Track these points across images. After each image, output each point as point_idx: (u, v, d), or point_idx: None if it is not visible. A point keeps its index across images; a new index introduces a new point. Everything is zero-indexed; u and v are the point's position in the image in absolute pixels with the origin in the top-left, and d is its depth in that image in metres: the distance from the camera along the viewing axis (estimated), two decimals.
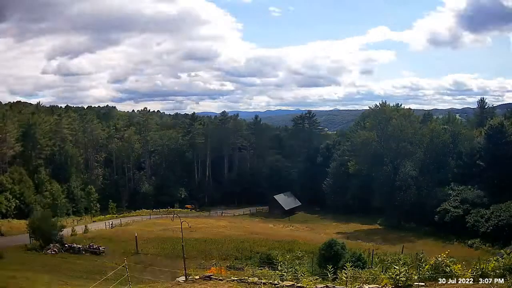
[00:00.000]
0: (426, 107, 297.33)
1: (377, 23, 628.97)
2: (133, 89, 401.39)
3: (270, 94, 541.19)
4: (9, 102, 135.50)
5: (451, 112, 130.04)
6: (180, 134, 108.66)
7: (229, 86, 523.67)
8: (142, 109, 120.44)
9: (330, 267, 12.93)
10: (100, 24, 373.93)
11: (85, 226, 48.93)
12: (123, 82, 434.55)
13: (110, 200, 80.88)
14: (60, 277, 21.17)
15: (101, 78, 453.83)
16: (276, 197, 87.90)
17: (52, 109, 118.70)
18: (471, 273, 9.84)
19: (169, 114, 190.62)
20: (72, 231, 42.56)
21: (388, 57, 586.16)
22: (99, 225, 54.62)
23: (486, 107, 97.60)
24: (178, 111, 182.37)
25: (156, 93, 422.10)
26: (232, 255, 34.84)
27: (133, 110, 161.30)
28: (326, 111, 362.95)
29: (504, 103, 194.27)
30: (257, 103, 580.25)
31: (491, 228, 53.93)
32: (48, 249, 29.63)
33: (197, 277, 14.40)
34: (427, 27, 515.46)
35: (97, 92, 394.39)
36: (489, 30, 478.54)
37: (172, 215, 61.78)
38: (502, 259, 9.98)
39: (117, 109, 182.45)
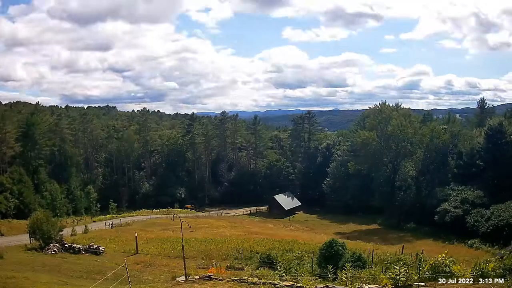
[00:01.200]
0: (426, 107, 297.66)
1: None
2: None
3: None
4: (9, 102, 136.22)
5: (451, 112, 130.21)
6: (180, 134, 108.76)
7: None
8: (142, 109, 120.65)
9: (330, 267, 12.94)
10: None
11: (85, 226, 48.81)
12: None
13: (111, 200, 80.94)
14: (60, 277, 21.13)
15: None
16: (276, 197, 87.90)
17: (52, 109, 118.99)
18: (471, 273, 9.84)
19: (169, 114, 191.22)
20: (72, 231, 42.44)
21: None
22: (99, 225, 54.54)
23: (486, 107, 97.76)
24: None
25: None
26: (232, 255, 34.73)
27: (133, 110, 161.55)
28: (326, 111, 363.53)
29: (504, 103, 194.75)
30: None
31: (491, 228, 53.88)
32: (48, 249, 29.54)
33: (197, 277, 14.41)
34: None
35: None
36: None
37: (172, 215, 61.84)
38: (502, 259, 9.99)
39: (117, 109, 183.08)
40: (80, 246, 31.18)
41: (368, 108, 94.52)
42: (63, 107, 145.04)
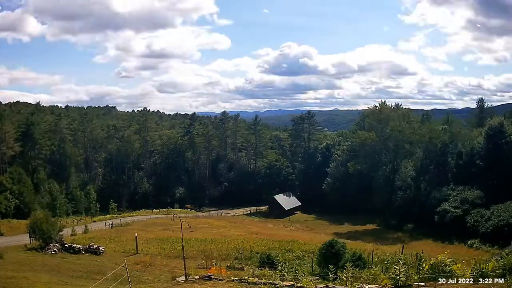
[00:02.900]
0: (426, 107, 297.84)
1: None
2: None
3: None
4: (8, 102, 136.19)
5: (450, 112, 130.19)
6: (179, 134, 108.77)
7: None
8: (142, 109, 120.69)
9: (331, 267, 12.94)
10: None
11: (85, 226, 48.73)
12: None
13: (112, 200, 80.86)
14: (60, 277, 21.16)
15: None
16: (276, 197, 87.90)
17: (52, 109, 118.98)
18: (471, 273, 9.84)
19: (169, 114, 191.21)
20: (72, 231, 42.43)
21: None
22: (99, 225, 54.48)
23: (485, 107, 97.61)
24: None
25: None
26: (232, 255, 34.70)
27: (133, 110, 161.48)
28: (326, 111, 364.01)
29: (504, 103, 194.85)
30: None
31: (491, 228, 53.84)
32: (48, 249, 29.57)
33: (197, 277, 14.42)
34: None
35: None
36: None
37: (172, 215, 61.87)
38: (501, 259, 9.99)
39: (117, 109, 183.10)
40: (80, 246, 31.21)
41: (368, 108, 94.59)
42: (63, 107, 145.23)
